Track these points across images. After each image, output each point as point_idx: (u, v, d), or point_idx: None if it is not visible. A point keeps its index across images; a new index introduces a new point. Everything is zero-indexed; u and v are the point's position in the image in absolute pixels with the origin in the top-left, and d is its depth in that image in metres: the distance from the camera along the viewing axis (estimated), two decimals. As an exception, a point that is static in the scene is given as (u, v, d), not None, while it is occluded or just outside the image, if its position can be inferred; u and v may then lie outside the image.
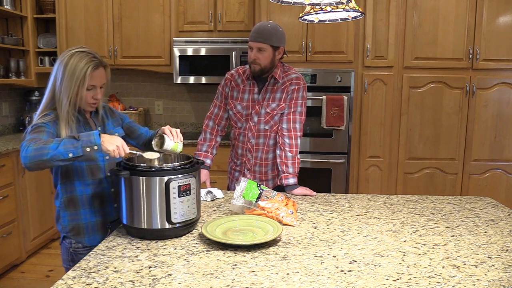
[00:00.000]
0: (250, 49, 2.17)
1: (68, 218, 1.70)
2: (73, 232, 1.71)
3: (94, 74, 1.62)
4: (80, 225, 1.70)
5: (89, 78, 1.61)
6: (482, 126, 3.53)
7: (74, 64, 1.59)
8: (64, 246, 1.74)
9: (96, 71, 1.63)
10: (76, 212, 1.69)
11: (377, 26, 3.47)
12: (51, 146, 1.42)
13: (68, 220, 1.70)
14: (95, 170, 1.71)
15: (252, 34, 2.15)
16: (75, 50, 1.63)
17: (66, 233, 1.72)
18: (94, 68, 1.62)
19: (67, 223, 1.70)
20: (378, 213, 1.84)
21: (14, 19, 4.04)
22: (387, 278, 1.21)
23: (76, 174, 1.67)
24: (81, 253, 1.70)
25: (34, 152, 1.42)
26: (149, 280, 1.19)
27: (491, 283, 1.19)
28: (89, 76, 1.60)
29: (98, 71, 1.64)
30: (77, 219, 1.70)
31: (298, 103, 2.25)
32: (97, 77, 1.64)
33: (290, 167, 2.20)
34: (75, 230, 1.70)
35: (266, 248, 1.42)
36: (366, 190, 3.62)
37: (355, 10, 1.76)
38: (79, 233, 1.71)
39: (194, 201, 1.53)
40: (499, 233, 1.60)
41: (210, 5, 3.89)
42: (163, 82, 4.34)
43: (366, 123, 3.57)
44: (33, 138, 1.49)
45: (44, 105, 1.66)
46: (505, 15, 3.41)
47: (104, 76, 1.68)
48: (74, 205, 1.69)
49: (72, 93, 1.60)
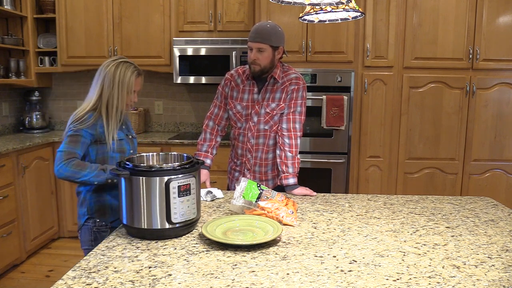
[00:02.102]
0: (250, 50, 2.17)
1: (95, 199, 1.90)
2: (99, 213, 1.90)
3: (137, 81, 1.93)
4: (106, 206, 1.91)
5: (134, 84, 1.91)
6: (482, 126, 3.53)
7: (122, 73, 1.88)
8: (87, 227, 1.91)
9: (138, 78, 1.94)
10: (102, 194, 1.90)
11: (377, 26, 3.47)
12: (85, 173, 1.77)
13: (94, 201, 1.90)
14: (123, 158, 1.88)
15: (251, 35, 2.15)
16: (120, 60, 1.91)
17: (91, 214, 1.90)
18: (137, 76, 1.93)
19: (93, 204, 1.90)
20: (378, 213, 1.84)
21: (14, 19, 4.03)
22: (387, 278, 1.21)
23: (111, 163, 1.88)
24: (104, 231, 1.91)
25: (70, 173, 1.76)
26: (149, 280, 1.19)
27: (491, 283, 1.19)
28: (135, 82, 1.91)
29: (139, 79, 1.95)
30: (103, 201, 1.91)
31: (298, 103, 2.25)
32: (138, 84, 1.95)
33: (290, 167, 2.20)
34: (101, 210, 1.91)
35: (266, 248, 1.42)
36: (366, 190, 3.61)
37: (355, 10, 1.76)
38: (104, 213, 1.91)
39: (194, 201, 1.53)
40: (499, 233, 1.60)
41: (210, 5, 3.89)
42: (163, 82, 4.33)
43: (366, 123, 3.57)
44: (69, 152, 1.78)
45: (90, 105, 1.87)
46: (505, 15, 3.41)
47: (141, 83, 2.00)
48: (102, 189, 1.89)
49: (122, 98, 1.89)
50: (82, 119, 1.83)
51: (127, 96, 1.91)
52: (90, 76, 4.32)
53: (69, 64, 4.03)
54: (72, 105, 4.44)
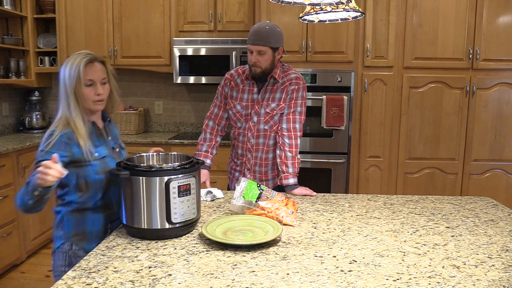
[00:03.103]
0: (250, 52, 2.16)
1: (74, 223, 1.64)
2: (77, 238, 1.64)
3: (88, 69, 1.60)
4: (85, 232, 1.65)
5: (83, 73, 1.58)
6: (482, 126, 3.53)
7: (69, 65, 1.59)
8: (61, 251, 1.65)
9: (90, 66, 1.60)
10: (82, 218, 1.64)
11: (377, 26, 3.47)
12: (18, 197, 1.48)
13: (73, 225, 1.64)
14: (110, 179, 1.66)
15: (251, 37, 2.14)
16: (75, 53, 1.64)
17: (67, 238, 1.64)
18: (87, 62, 1.60)
19: (71, 229, 1.64)
20: (378, 213, 1.84)
21: (14, 19, 4.03)
22: (387, 278, 1.21)
23: (95, 188, 1.63)
24: (80, 256, 1.63)
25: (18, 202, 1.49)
26: (149, 280, 1.19)
27: (491, 283, 1.19)
28: (83, 71, 1.58)
29: (92, 66, 1.61)
30: (83, 226, 1.65)
31: (298, 103, 2.25)
32: (93, 72, 1.61)
33: (290, 167, 2.20)
34: (79, 236, 1.65)
35: (266, 248, 1.42)
36: (366, 190, 3.61)
37: (355, 10, 1.75)
38: (83, 238, 1.65)
39: (194, 201, 1.53)
40: (499, 233, 1.60)
41: (210, 5, 3.89)
42: (163, 82, 4.33)
43: (366, 123, 3.57)
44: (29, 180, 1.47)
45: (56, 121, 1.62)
46: (505, 15, 3.41)
47: (102, 71, 1.65)
48: (82, 213, 1.64)
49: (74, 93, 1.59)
50: (48, 141, 1.55)
51: (84, 90, 1.59)
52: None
53: (69, 64, 4.03)
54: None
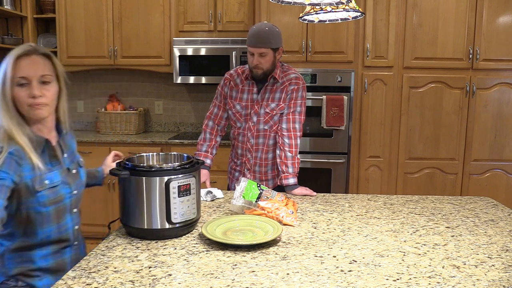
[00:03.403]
0: (251, 55, 2.16)
1: (17, 260, 1.37)
2: (21, 276, 1.38)
3: (20, 63, 1.27)
4: (32, 269, 1.38)
5: (13, 69, 1.26)
6: (482, 126, 3.53)
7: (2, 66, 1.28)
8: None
9: (22, 59, 1.28)
10: (29, 255, 1.37)
11: (377, 26, 3.47)
12: None
13: (15, 263, 1.37)
14: (61, 212, 1.43)
15: (251, 39, 2.14)
16: None
17: (8, 276, 1.37)
18: (20, 56, 1.28)
19: (14, 266, 1.37)
20: (378, 213, 1.84)
21: (14, 19, 4.03)
22: (387, 278, 1.21)
23: (40, 222, 1.36)
24: None
25: None
26: (149, 280, 1.19)
27: (491, 283, 1.19)
28: (13, 66, 1.26)
29: (26, 59, 1.28)
30: (29, 262, 1.38)
31: (298, 103, 2.25)
32: (27, 67, 1.28)
33: (290, 167, 2.20)
34: (24, 274, 1.38)
35: (266, 248, 1.42)
36: (366, 190, 3.61)
37: (355, 10, 1.76)
38: (30, 276, 1.38)
39: (194, 201, 1.53)
40: (499, 233, 1.60)
41: (210, 5, 3.89)
42: (163, 82, 4.33)
43: (366, 123, 3.57)
44: None
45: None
46: (505, 15, 3.41)
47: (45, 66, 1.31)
48: (29, 249, 1.38)
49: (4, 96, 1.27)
50: None
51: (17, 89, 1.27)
52: (90, 76, 4.35)
53: (69, 64, 4.02)
54: (72, 105, 4.43)
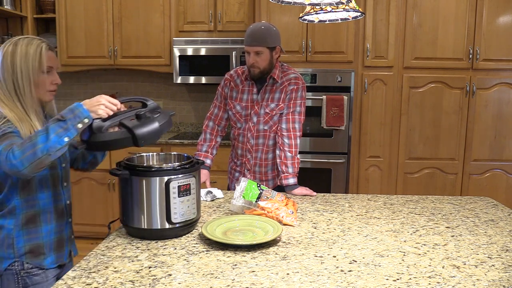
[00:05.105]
0: (248, 54, 2.17)
1: (26, 237, 1.43)
2: (31, 255, 1.44)
3: (49, 54, 1.46)
4: (40, 245, 1.46)
5: (46, 58, 1.44)
6: (482, 126, 3.53)
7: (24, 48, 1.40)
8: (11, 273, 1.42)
9: (50, 52, 1.47)
10: (36, 229, 1.45)
11: (377, 26, 3.47)
12: (39, 139, 1.22)
13: (25, 240, 1.43)
14: (56, 179, 1.51)
15: (247, 39, 2.15)
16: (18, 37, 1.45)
17: (19, 256, 1.43)
18: (48, 48, 1.47)
19: (23, 244, 1.43)
20: (378, 213, 1.84)
21: (14, 19, 4.03)
22: (387, 278, 1.21)
23: (40, 185, 1.44)
24: (36, 275, 1.44)
25: (24, 155, 1.21)
26: (149, 280, 1.19)
27: (491, 283, 1.19)
28: (46, 55, 1.44)
29: (52, 52, 1.49)
30: (37, 238, 1.45)
31: (297, 103, 2.25)
32: (53, 58, 1.48)
33: (289, 167, 2.20)
34: (34, 251, 1.44)
35: (266, 248, 1.42)
36: (366, 190, 3.61)
37: (355, 10, 1.76)
38: (39, 254, 1.45)
39: (194, 201, 1.53)
40: (499, 233, 1.60)
41: (210, 5, 3.89)
42: (163, 82, 4.33)
43: (366, 123, 3.57)
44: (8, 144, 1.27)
45: None
46: (505, 15, 3.41)
47: (56, 59, 1.54)
48: (34, 221, 1.45)
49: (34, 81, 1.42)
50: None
51: (41, 76, 1.43)
52: (90, 76, 4.35)
53: (69, 64, 4.02)
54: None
